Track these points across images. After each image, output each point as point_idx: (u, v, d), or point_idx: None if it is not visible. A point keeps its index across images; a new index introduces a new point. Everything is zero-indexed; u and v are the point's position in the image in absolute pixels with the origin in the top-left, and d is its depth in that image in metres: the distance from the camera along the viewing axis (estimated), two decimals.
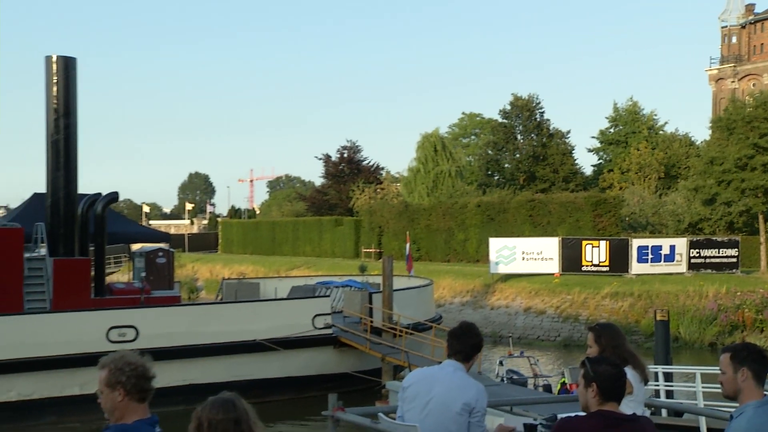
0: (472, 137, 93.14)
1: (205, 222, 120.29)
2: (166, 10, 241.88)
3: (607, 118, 76.55)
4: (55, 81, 27.00)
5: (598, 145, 76.80)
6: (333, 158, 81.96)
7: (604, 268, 41.03)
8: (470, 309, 41.14)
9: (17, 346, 20.72)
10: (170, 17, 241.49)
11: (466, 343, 6.73)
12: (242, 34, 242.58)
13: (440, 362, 7.00)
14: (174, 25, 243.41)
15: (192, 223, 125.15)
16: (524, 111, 70.03)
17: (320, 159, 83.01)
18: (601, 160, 76.09)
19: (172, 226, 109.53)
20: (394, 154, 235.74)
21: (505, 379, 20.63)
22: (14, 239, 25.53)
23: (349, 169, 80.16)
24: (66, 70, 27.11)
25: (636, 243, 41.79)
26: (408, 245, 37.62)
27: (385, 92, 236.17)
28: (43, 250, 27.40)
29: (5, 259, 24.90)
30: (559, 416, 6.24)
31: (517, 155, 69.92)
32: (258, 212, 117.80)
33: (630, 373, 6.54)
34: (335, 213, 74.02)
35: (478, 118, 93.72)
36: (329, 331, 24.69)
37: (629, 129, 73.79)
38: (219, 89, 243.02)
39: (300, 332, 24.14)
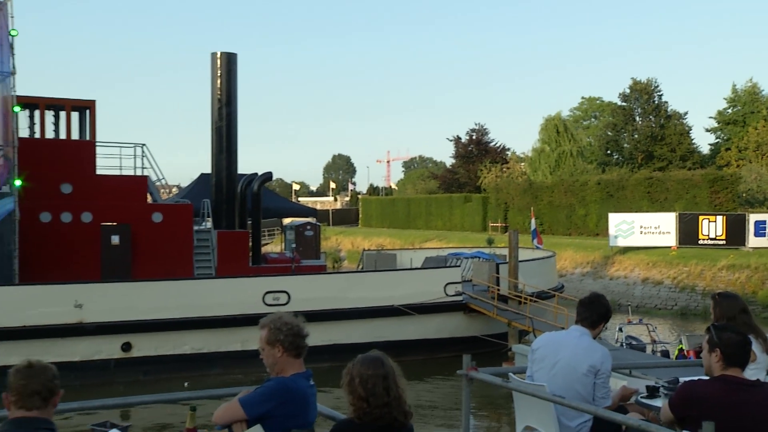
0: (592, 119, 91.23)
1: (347, 199, 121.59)
2: (312, 8, 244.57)
3: (725, 98, 73.49)
4: (219, 74, 27.95)
5: (716, 125, 73.92)
6: (462, 140, 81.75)
7: (721, 242, 39.62)
8: (590, 279, 40.59)
9: (189, 306, 21.54)
10: (315, 14, 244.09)
11: (593, 311, 6.73)
12: (379, 26, 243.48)
13: (563, 328, 7.01)
14: (319, 19, 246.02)
15: (335, 200, 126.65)
16: (643, 94, 68.08)
17: (451, 141, 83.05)
18: (718, 140, 73.27)
19: (318, 203, 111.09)
20: (518, 136, 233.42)
21: (624, 344, 20.30)
22: (185, 214, 26.64)
23: (477, 150, 79.81)
24: (228, 65, 28.05)
25: (753, 218, 40.12)
26: (533, 220, 37.24)
27: (510, 77, 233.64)
28: (208, 224, 28.41)
29: (178, 232, 26.04)
30: (681, 380, 6.17)
31: (636, 136, 68.13)
32: (394, 190, 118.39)
33: (753, 342, 6.42)
34: (464, 190, 73.79)
35: (597, 102, 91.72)
36: (459, 298, 24.80)
37: (748, 109, 70.53)
38: (359, 77, 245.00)
39: (433, 299, 24.32)
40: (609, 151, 71.71)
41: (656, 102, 68.39)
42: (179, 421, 13.11)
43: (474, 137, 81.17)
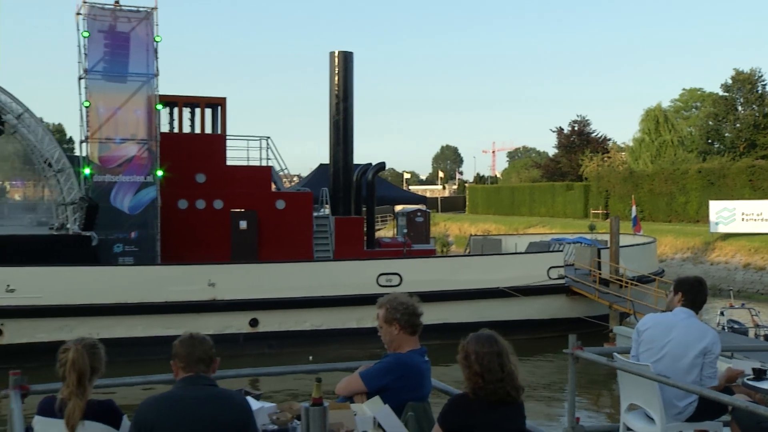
0: (693, 110, 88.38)
1: (455, 187, 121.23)
2: (422, 5, 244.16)
3: None
4: (336, 72, 28.32)
5: None
6: (565, 131, 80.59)
7: None
8: (690, 264, 39.51)
9: (309, 286, 21.89)
10: (426, 11, 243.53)
11: (700, 295, 6.60)
12: (488, 21, 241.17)
13: (663, 311, 6.89)
14: (430, 16, 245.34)
15: (444, 188, 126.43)
16: (746, 84, 65.57)
17: (554, 132, 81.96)
18: None
19: (428, 191, 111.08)
20: (619, 126, 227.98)
21: (726, 327, 19.73)
22: (306, 202, 27.14)
23: (579, 141, 78.46)
24: (345, 63, 28.39)
25: None
26: (634, 207, 36.42)
27: (612, 69, 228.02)
28: (327, 210, 28.86)
29: (300, 218, 26.56)
30: None
31: (738, 125, 65.66)
32: (499, 179, 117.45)
33: None
34: (566, 179, 72.66)
35: (698, 92, 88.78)
36: (562, 281, 24.53)
37: None
38: (467, 71, 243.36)
39: (536, 282, 24.12)
40: (710, 141, 69.40)
41: (759, 92, 65.75)
42: (303, 391, 13.40)
43: (576, 128, 79.88)
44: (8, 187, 40.63)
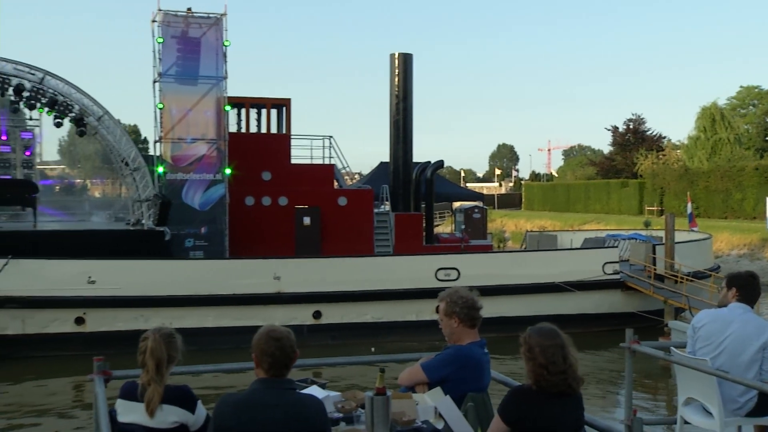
0: (750, 107, 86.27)
1: (511, 184, 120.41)
2: (478, 6, 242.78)
3: None
4: (396, 73, 28.38)
5: None
6: (620, 129, 79.45)
7: None
8: (747, 260, 38.58)
9: (370, 280, 21.95)
10: (481, 11, 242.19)
11: (755, 290, 6.50)
12: (541, 20, 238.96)
13: (718, 306, 6.78)
14: (485, 17, 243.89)
15: (500, 185, 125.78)
16: None
17: (608, 130, 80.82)
18: None
19: (484, 188, 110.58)
20: (674, 124, 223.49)
21: None
22: (367, 198, 27.23)
23: (634, 139, 77.30)
24: (405, 64, 28.44)
25: None
26: (689, 204, 35.73)
27: (667, 68, 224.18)
28: (387, 207, 28.96)
29: (361, 214, 26.68)
30: None
31: None
32: (555, 176, 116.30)
33: None
34: (621, 177, 71.64)
35: (756, 90, 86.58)
36: (617, 276, 24.21)
37: None
38: (522, 70, 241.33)
39: (591, 277, 23.86)
40: (767, 138, 67.79)
41: None
42: (364, 380, 13.49)
43: (631, 126, 78.69)
44: (89, 185, 41.62)
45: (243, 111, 27.32)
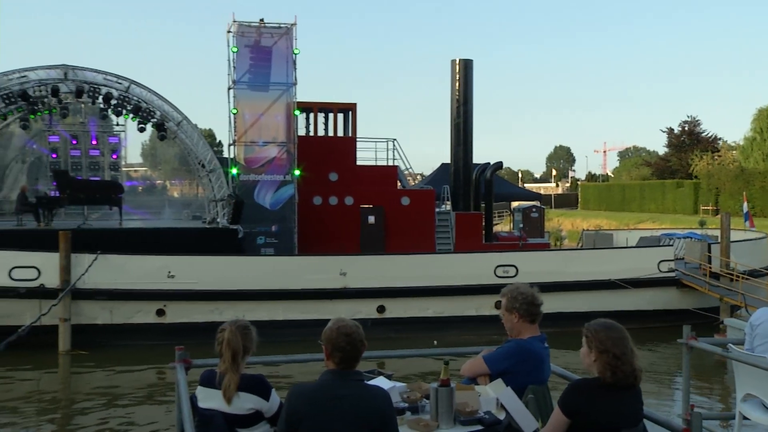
0: None
1: (568, 185, 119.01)
2: (535, 11, 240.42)
3: None
4: (457, 78, 28.31)
5: None
6: (675, 131, 77.90)
7: None
8: None
9: (431, 276, 21.90)
10: (538, 17, 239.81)
11: None
12: (595, 24, 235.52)
13: None
14: (538, 23, 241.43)
15: (557, 185, 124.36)
16: None
17: (664, 132, 79.41)
18: None
19: (542, 188, 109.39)
20: (730, 125, 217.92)
21: None
22: (429, 198, 27.21)
23: (689, 140, 75.72)
24: (465, 69, 28.35)
25: None
26: (745, 204, 34.77)
27: (722, 70, 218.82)
28: (448, 206, 28.90)
29: (423, 213, 26.67)
30: None
31: None
32: (610, 177, 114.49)
33: None
34: (676, 177, 70.25)
35: None
36: (672, 274, 23.72)
37: None
38: (578, 74, 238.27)
39: (647, 274, 23.43)
40: None
41: None
42: (428, 372, 13.46)
43: (686, 128, 77.09)
44: (168, 186, 42.35)
45: (311, 115, 27.54)
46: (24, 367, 17.45)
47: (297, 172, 24.99)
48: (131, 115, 24.05)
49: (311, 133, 27.46)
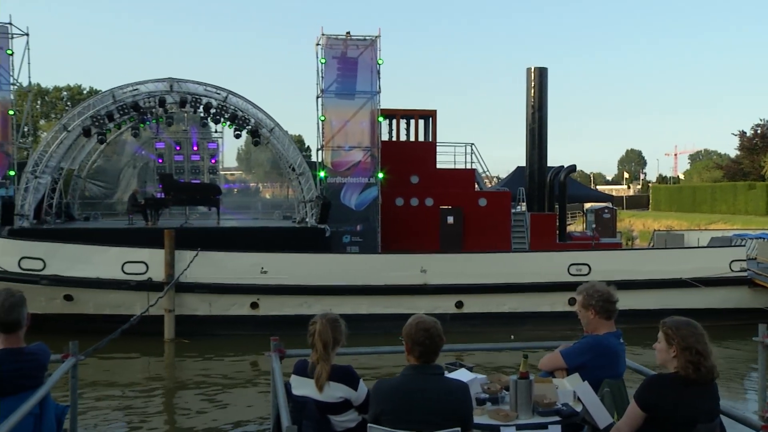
0: None
1: (639, 187, 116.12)
2: (606, 19, 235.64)
3: None
4: (532, 85, 27.94)
5: None
6: (747, 134, 75.15)
7: None
8: None
9: (507, 274, 21.68)
10: (610, 24, 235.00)
11: None
12: (665, 30, 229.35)
13: None
14: (610, 30, 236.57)
15: (628, 187, 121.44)
16: None
17: (735, 135, 76.67)
18: None
19: (613, 190, 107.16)
20: None
21: None
22: (505, 200, 26.98)
23: (762, 143, 72.91)
24: (540, 77, 27.96)
25: None
26: None
27: None
28: (523, 207, 28.59)
29: (499, 214, 26.46)
30: None
31: None
32: (681, 179, 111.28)
33: None
34: (748, 179, 67.73)
35: None
36: (744, 273, 22.88)
37: None
38: (649, 78, 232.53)
39: (718, 274, 22.68)
40: None
41: None
42: (505, 365, 13.34)
43: (759, 131, 74.26)
44: (261, 188, 43.07)
45: (394, 121, 27.62)
46: (134, 353, 18.03)
47: (380, 175, 25.10)
48: (228, 123, 24.58)
49: (394, 139, 27.53)
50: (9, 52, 23.85)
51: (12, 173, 23.87)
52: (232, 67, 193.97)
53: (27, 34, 24.30)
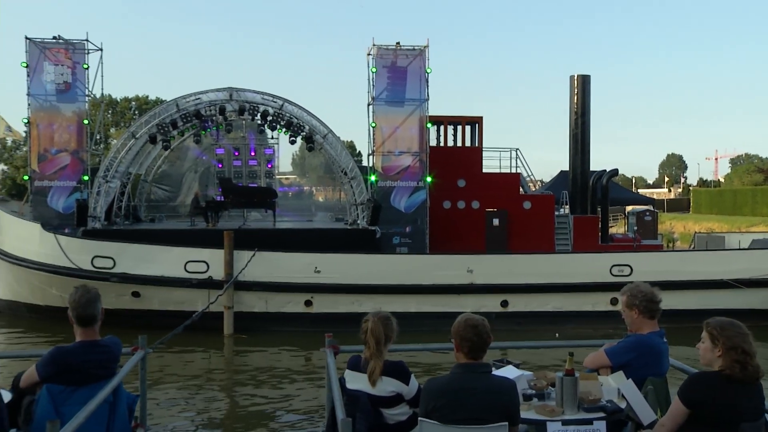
0: None
1: (680, 190, 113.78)
2: (647, 27, 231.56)
3: None
4: (575, 92, 27.63)
5: None
6: None
7: None
8: None
9: (551, 274, 21.45)
10: (652, 32, 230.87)
11: None
12: (706, 37, 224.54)
13: None
14: (653, 38, 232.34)
15: (669, 191, 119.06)
16: None
17: None
18: None
19: (654, 193, 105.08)
20: None
21: None
22: (548, 203, 26.70)
23: None
24: (583, 85, 27.63)
25: None
26: None
27: None
28: (566, 210, 28.22)
29: (543, 216, 26.21)
30: None
31: None
32: (722, 183, 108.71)
33: None
34: None
35: None
36: None
37: None
38: (689, 84, 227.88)
39: (759, 275, 22.08)
40: None
41: None
42: (549, 362, 13.18)
43: None
44: (315, 191, 43.36)
45: (442, 127, 27.55)
46: (197, 347, 18.28)
47: (429, 179, 25.07)
48: (284, 130, 24.84)
49: (442, 144, 27.47)
50: (85, 66, 24.49)
51: (86, 178, 24.47)
52: (287, 76, 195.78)
53: (101, 50, 24.95)
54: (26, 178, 25.14)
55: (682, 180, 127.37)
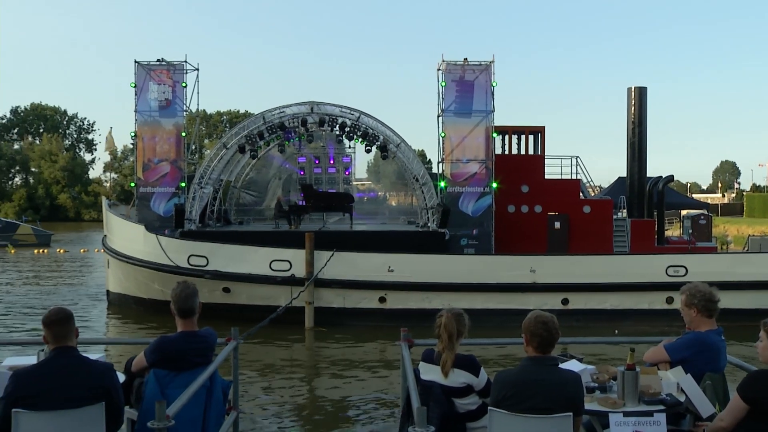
0: None
1: (733, 195, 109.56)
2: (703, 43, 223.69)
3: None
4: (633, 103, 26.94)
5: None
6: None
7: None
8: None
9: (610, 274, 21.00)
10: (705, 47, 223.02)
11: None
12: (754, 50, 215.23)
13: None
14: (707, 51, 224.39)
15: (723, 196, 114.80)
16: None
17: None
18: None
19: (708, 198, 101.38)
20: None
21: None
22: (607, 207, 26.11)
23: None
24: (640, 96, 26.90)
25: None
26: None
27: None
28: (624, 214, 27.55)
29: (602, 220, 25.66)
30: None
31: None
32: None
33: None
34: None
35: None
36: None
37: None
38: (743, 91, 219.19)
39: None
40: None
41: None
42: (611, 357, 12.91)
43: None
44: (388, 196, 43.57)
45: (506, 137, 27.27)
46: (280, 340, 18.60)
47: (494, 185, 24.84)
48: (360, 140, 25.05)
49: (506, 152, 27.19)
50: (183, 84, 25.25)
51: (183, 184, 25.21)
52: (364, 91, 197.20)
53: (197, 69, 25.70)
54: (132, 185, 26.06)
55: (736, 185, 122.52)
